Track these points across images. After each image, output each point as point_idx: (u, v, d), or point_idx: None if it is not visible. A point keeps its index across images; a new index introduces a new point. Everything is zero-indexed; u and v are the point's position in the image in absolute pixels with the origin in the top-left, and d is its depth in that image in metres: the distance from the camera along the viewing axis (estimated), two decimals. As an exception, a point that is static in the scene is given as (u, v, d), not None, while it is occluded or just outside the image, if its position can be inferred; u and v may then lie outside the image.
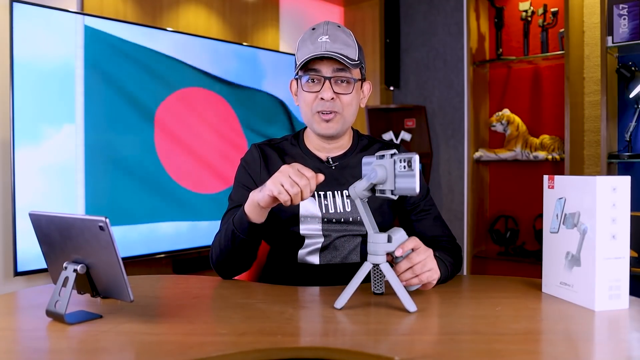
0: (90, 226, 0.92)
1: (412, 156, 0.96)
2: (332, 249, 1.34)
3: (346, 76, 1.28)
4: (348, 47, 1.27)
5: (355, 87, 1.31)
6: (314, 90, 1.29)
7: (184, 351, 0.82)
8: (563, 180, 1.10)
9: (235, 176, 1.42)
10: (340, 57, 1.24)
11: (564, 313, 1.01)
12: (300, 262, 1.35)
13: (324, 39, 1.26)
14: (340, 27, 1.30)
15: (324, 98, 1.27)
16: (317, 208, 1.33)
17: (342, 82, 1.29)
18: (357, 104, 1.35)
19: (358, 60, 1.29)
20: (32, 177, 2.26)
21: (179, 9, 2.97)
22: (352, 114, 1.33)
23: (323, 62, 1.27)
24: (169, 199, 2.73)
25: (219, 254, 1.28)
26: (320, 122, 1.31)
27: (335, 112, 1.29)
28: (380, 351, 0.81)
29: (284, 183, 1.07)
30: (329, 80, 1.27)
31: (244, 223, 1.19)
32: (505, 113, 3.12)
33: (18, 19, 2.21)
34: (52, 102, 2.32)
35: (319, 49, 1.25)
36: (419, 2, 3.66)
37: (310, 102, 1.31)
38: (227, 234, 1.23)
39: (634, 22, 2.43)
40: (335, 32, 1.28)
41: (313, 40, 1.27)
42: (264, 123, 3.17)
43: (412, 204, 1.39)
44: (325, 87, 1.27)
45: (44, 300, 1.01)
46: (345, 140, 1.40)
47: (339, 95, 1.29)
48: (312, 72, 1.28)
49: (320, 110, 1.29)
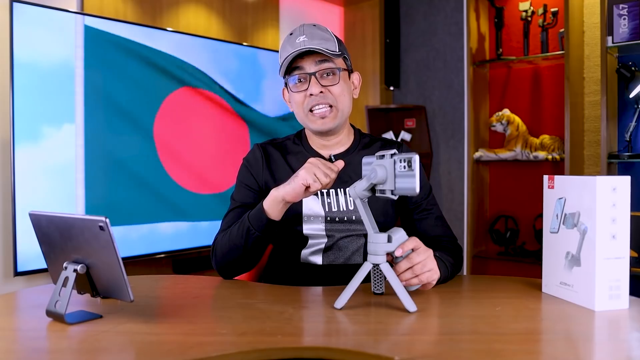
0: (90, 226, 0.92)
1: (412, 156, 0.96)
2: (335, 249, 1.34)
3: (330, 67, 1.29)
4: (327, 41, 1.29)
5: (341, 76, 1.31)
6: (302, 89, 1.31)
7: (184, 351, 0.82)
8: (563, 180, 1.10)
9: (237, 176, 1.42)
10: (319, 48, 1.26)
11: (564, 313, 1.01)
12: (303, 262, 1.35)
13: (302, 39, 1.28)
14: (316, 25, 1.32)
15: (313, 93, 1.28)
16: (320, 206, 1.33)
17: (328, 75, 1.30)
18: (349, 95, 1.35)
19: (339, 52, 1.29)
20: (32, 177, 2.26)
21: (179, 9, 2.97)
22: (346, 105, 1.33)
23: (304, 59, 1.29)
24: (169, 198, 2.72)
25: (225, 252, 1.27)
26: (316, 120, 1.31)
27: (329, 104, 1.30)
28: (380, 351, 0.81)
29: (317, 173, 1.12)
30: (313, 75, 1.29)
31: (262, 220, 1.20)
32: (505, 113, 3.11)
33: (18, 19, 2.21)
34: (52, 102, 2.32)
35: (295, 48, 1.27)
36: (419, 2, 3.66)
37: (301, 102, 1.32)
38: (240, 231, 1.23)
39: (634, 22, 2.43)
40: (312, 30, 1.29)
41: (291, 42, 1.29)
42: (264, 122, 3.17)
43: (415, 203, 1.39)
44: (312, 82, 1.29)
45: (44, 300, 1.01)
46: (344, 135, 1.40)
47: (327, 88, 1.30)
48: (297, 71, 1.30)
49: (312, 107, 1.30)
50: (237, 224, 1.26)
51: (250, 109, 3.10)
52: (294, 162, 1.38)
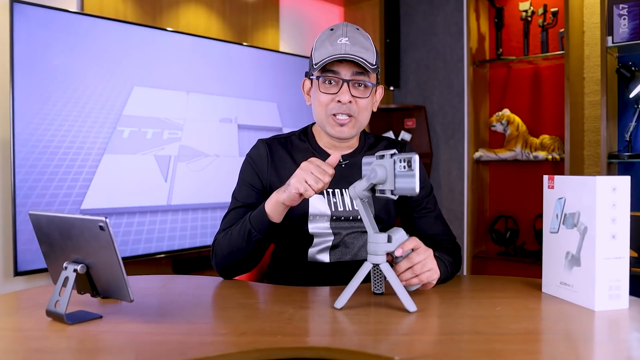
0: (90, 226, 0.92)
1: (412, 156, 0.96)
2: (342, 246, 1.34)
3: (364, 80, 1.27)
4: (367, 51, 1.26)
5: (371, 91, 1.30)
6: (330, 92, 1.27)
7: (184, 351, 0.82)
8: (563, 180, 1.10)
9: (240, 172, 1.39)
10: (361, 60, 1.23)
11: (564, 313, 1.01)
12: (310, 260, 1.34)
13: (344, 40, 1.24)
14: (359, 29, 1.29)
15: (342, 101, 1.26)
16: (326, 206, 1.33)
17: (360, 86, 1.28)
18: (371, 108, 1.34)
19: (376, 65, 1.28)
20: (32, 177, 2.26)
21: (179, 9, 2.97)
22: (366, 118, 1.32)
23: (342, 64, 1.26)
24: (170, 198, 2.73)
25: (226, 254, 1.27)
26: (335, 126, 1.30)
27: (351, 116, 1.28)
28: (380, 351, 0.81)
29: (307, 179, 1.10)
30: (347, 83, 1.26)
31: (264, 223, 1.19)
32: (505, 113, 3.11)
33: (18, 19, 2.21)
34: (52, 102, 2.32)
35: (339, 50, 1.23)
36: (419, 2, 3.66)
37: (326, 104, 1.29)
38: (241, 233, 1.23)
39: (634, 22, 2.43)
40: (355, 34, 1.26)
41: (332, 41, 1.25)
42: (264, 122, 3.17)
43: (415, 201, 1.40)
44: (344, 89, 1.26)
45: (44, 300, 1.01)
46: (354, 140, 1.40)
47: (355, 99, 1.27)
48: (331, 74, 1.27)
49: (335, 113, 1.28)
50: (238, 225, 1.25)
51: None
52: (300, 159, 1.37)
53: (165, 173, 2.73)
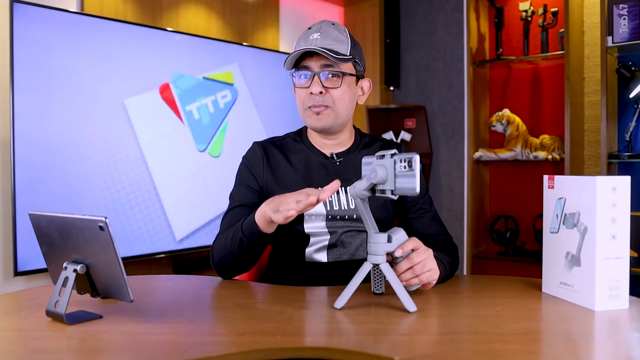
0: (90, 226, 0.92)
1: (412, 156, 0.96)
2: (340, 246, 1.34)
3: (334, 70, 1.29)
4: (339, 43, 1.28)
5: (345, 81, 1.31)
6: (304, 86, 1.31)
7: (184, 351, 0.82)
8: (563, 180, 1.10)
9: (237, 174, 1.42)
10: (325, 51, 1.25)
11: (564, 313, 1.01)
12: (308, 260, 1.35)
13: (315, 36, 1.28)
14: (334, 24, 1.32)
15: (313, 92, 1.29)
16: (321, 205, 1.33)
17: (332, 77, 1.30)
18: (351, 99, 1.34)
19: (350, 56, 1.29)
20: (32, 176, 2.25)
21: (179, 9, 2.97)
22: (344, 108, 1.33)
23: (312, 58, 1.29)
24: (169, 198, 2.73)
25: (222, 257, 1.28)
26: (311, 116, 1.32)
27: (326, 105, 1.30)
28: (380, 351, 0.81)
29: (281, 208, 1.07)
30: (317, 75, 1.29)
31: (254, 233, 1.20)
32: (505, 113, 3.11)
33: (18, 19, 2.21)
34: (52, 102, 2.32)
35: (309, 45, 1.27)
36: (419, 2, 3.66)
37: (302, 98, 1.33)
38: (234, 240, 1.23)
39: (634, 22, 2.43)
40: (328, 29, 1.29)
41: (305, 38, 1.29)
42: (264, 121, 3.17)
43: (411, 202, 1.40)
44: (314, 81, 1.29)
45: (44, 300, 1.01)
46: (345, 136, 1.40)
47: (328, 90, 1.30)
48: (302, 69, 1.31)
49: (310, 105, 1.31)
50: (232, 230, 1.26)
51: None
52: (295, 160, 1.38)
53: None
